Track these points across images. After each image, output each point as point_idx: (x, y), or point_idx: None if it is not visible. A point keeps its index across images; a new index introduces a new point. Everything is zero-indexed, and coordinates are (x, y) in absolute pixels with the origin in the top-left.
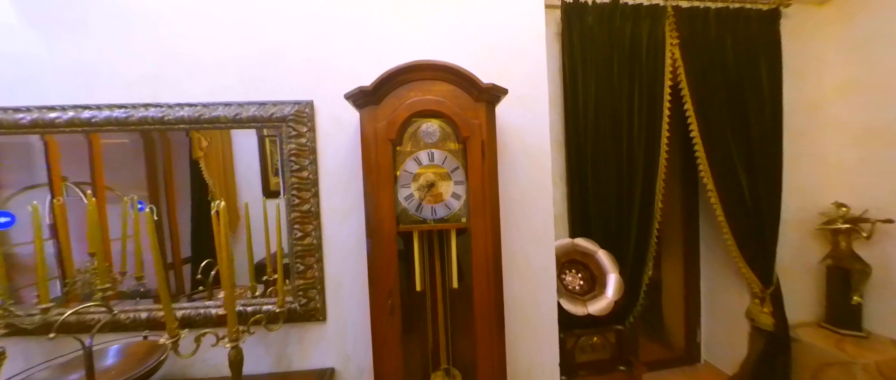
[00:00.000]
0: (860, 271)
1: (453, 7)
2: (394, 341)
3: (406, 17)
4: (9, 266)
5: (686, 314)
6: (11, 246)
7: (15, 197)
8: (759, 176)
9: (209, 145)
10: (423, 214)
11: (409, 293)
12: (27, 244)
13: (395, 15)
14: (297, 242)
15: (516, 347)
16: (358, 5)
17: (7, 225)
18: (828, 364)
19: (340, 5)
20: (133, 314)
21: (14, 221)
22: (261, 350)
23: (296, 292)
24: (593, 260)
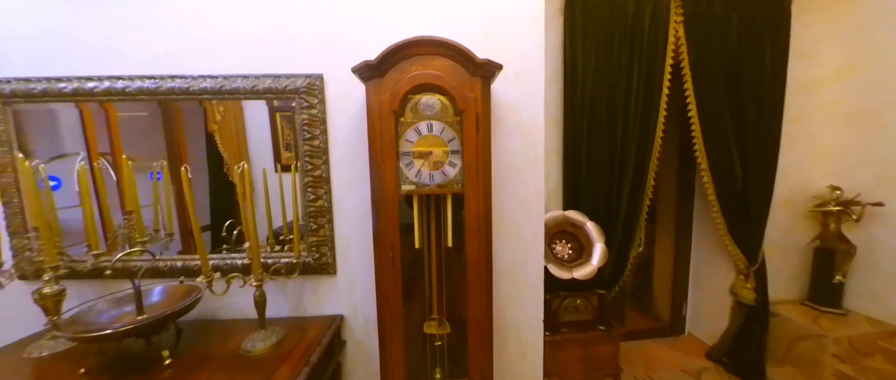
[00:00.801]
0: (845, 252)
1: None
2: (394, 291)
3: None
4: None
5: (674, 289)
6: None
7: (46, 165)
8: (751, 157)
9: (223, 120)
10: (422, 180)
11: (409, 251)
12: (67, 209)
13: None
14: (310, 204)
15: (505, 304)
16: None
17: (57, 187)
18: (803, 337)
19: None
20: (170, 263)
21: (61, 184)
22: (281, 298)
23: (309, 247)
24: (582, 231)
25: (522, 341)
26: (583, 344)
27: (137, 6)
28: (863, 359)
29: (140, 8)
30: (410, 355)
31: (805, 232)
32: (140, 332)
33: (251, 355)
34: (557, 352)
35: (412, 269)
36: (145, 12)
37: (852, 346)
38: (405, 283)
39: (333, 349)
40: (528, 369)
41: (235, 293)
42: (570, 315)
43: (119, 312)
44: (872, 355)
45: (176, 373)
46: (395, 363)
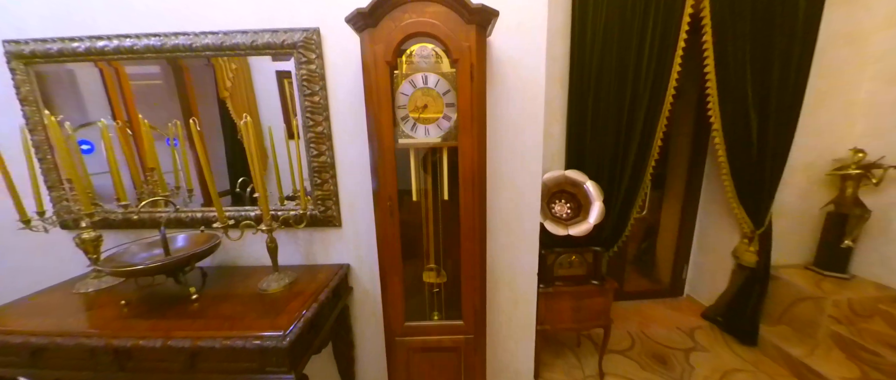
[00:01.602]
0: (859, 216)
1: None
2: (393, 239)
3: None
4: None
5: (676, 253)
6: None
7: (76, 131)
8: (771, 117)
9: (233, 86)
10: (418, 134)
11: (408, 204)
12: (101, 174)
13: None
14: (314, 159)
15: (501, 254)
16: None
17: (89, 151)
18: (801, 299)
19: None
20: (191, 215)
21: (93, 148)
22: (292, 247)
23: (315, 201)
24: (582, 190)
25: (516, 289)
26: (575, 296)
27: None
28: (861, 322)
29: None
30: (411, 302)
31: (820, 197)
32: (167, 269)
33: (267, 292)
34: (551, 302)
35: (411, 221)
36: None
37: (852, 309)
38: (405, 234)
39: (340, 293)
40: (522, 316)
41: (252, 243)
42: (564, 270)
43: (149, 254)
44: (872, 318)
45: (202, 306)
46: (395, 305)
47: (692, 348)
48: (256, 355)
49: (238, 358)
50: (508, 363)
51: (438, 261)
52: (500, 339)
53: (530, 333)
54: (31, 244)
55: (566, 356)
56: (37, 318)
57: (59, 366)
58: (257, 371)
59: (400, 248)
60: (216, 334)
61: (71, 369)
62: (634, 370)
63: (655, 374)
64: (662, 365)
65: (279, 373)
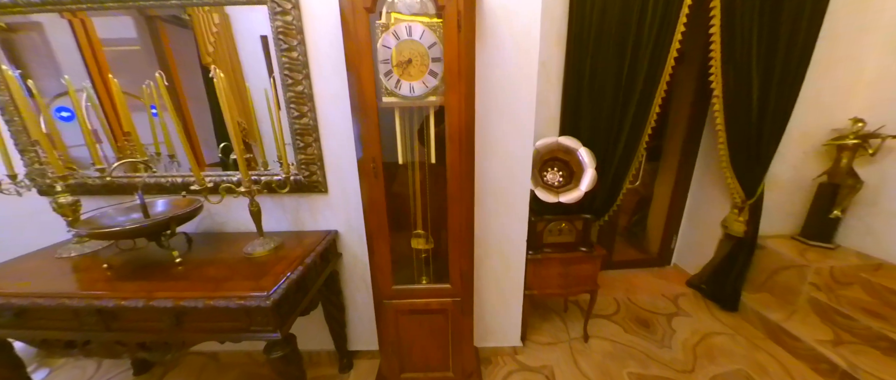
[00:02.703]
0: (850, 187)
1: None
2: (379, 201)
3: None
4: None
5: (667, 223)
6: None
7: (54, 101)
8: (774, 84)
9: (216, 51)
10: (402, 91)
11: (395, 169)
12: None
13: None
14: (295, 121)
15: (490, 220)
16: None
17: (69, 119)
18: (785, 267)
19: None
20: (172, 180)
21: (74, 116)
22: (280, 213)
23: (299, 165)
24: (574, 157)
25: (506, 255)
26: (564, 262)
27: None
28: (840, 289)
29: None
30: (401, 269)
31: (814, 168)
32: (147, 232)
33: (252, 256)
34: (539, 268)
35: (399, 186)
36: None
37: (833, 276)
38: (394, 201)
39: (329, 258)
40: (510, 281)
41: (238, 209)
42: (554, 237)
43: (127, 217)
44: (851, 286)
45: (187, 269)
46: (383, 269)
47: (675, 313)
48: (241, 315)
49: (224, 318)
50: (497, 326)
51: (426, 227)
52: (489, 303)
53: (518, 297)
54: (8, 212)
55: (553, 320)
56: (18, 281)
57: (46, 327)
58: (243, 330)
59: (385, 210)
60: (200, 294)
61: (58, 329)
62: (618, 333)
63: (638, 336)
64: (645, 328)
65: (265, 331)
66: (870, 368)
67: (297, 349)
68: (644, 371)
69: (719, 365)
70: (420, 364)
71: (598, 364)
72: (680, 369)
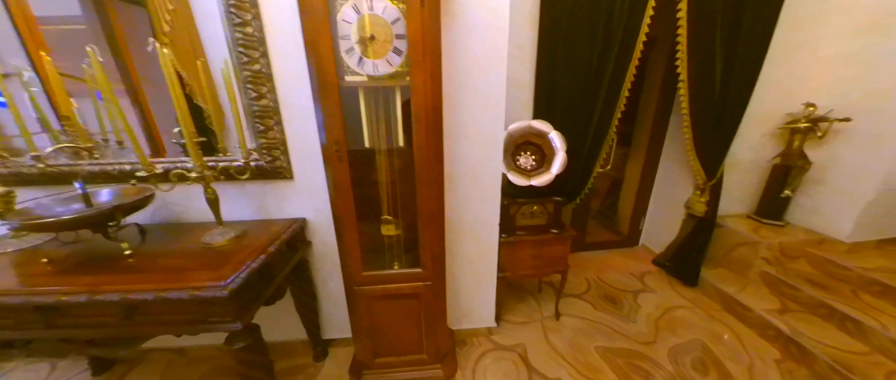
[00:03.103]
0: (800, 168)
1: None
2: (345, 185)
3: None
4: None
5: (636, 205)
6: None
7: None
8: (736, 68)
9: (173, 31)
10: (365, 70)
11: (363, 151)
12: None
13: None
14: (254, 102)
15: (465, 204)
16: None
17: (2, 105)
18: (740, 244)
19: None
20: (119, 167)
21: (5, 104)
22: (243, 201)
23: (260, 150)
24: (546, 141)
25: (479, 239)
26: (536, 244)
27: None
28: (788, 262)
29: None
30: (374, 256)
31: (771, 150)
32: (90, 223)
33: (212, 246)
34: (512, 251)
35: (368, 171)
36: None
37: (782, 251)
38: (365, 186)
39: (297, 246)
40: (484, 264)
41: (199, 198)
42: (526, 219)
43: (68, 208)
44: (798, 259)
45: (139, 261)
46: (352, 255)
47: (641, 289)
48: (197, 306)
49: (178, 310)
50: (472, 308)
51: (397, 212)
52: (464, 286)
53: (492, 280)
54: None
55: (528, 301)
56: None
57: None
58: (200, 321)
59: (352, 195)
60: (151, 286)
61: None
62: (588, 310)
63: (606, 313)
64: (613, 305)
65: (224, 322)
66: (810, 332)
67: (261, 339)
68: (610, 344)
69: (679, 336)
70: (394, 348)
71: (569, 340)
72: (643, 342)
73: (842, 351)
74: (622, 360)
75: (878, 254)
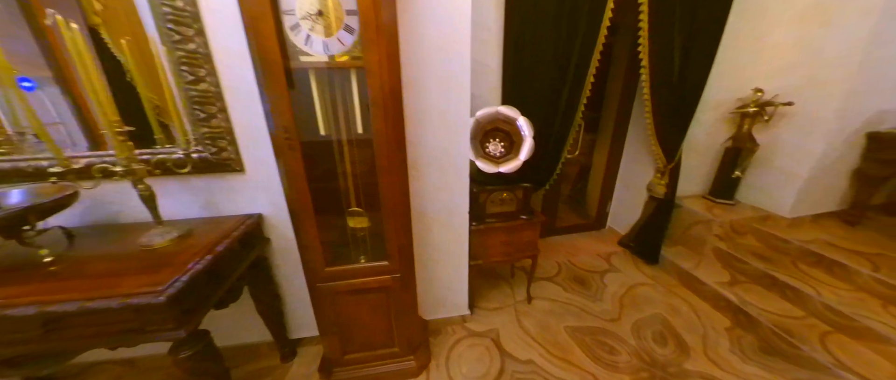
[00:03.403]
0: (749, 150)
1: None
2: (299, 178)
3: None
4: None
5: (603, 189)
6: None
7: None
8: (693, 52)
9: (105, 10)
10: (315, 49)
11: (320, 139)
12: None
13: None
14: (191, 86)
15: (433, 192)
16: None
17: None
18: (696, 222)
19: None
20: (34, 163)
21: None
22: (188, 197)
23: (203, 140)
24: (515, 127)
25: (450, 227)
26: (507, 231)
27: None
28: (738, 238)
29: None
30: (340, 250)
31: (724, 134)
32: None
33: (151, 248)
34: (483, 238)
35: (327, 161)
36: None
37: (733, 228)
38: (324, 178)
39: (252, 243)
40: (456, 252)
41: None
42: (496, 207)
43: None
44: (746, 235)
45: (63, 268)
46: (313, 250)
47: (607, 270)
48: (131, 315)
49: (109, 320)
50: (444, 297)
51: (360, 203)
52: (436, 275)
53: (464, 268)
54: None
55: (501, 287)
56: None
57: None
58: (137, 332)
59: (307, 187)
60: (74, 296)
61: None
62: (558, 292)
63: (575, 294)
64: (582, 286)
65: (165, 331)
66: (756, 301)
67: (212, 346)
68: (579, 324)
69: (641, 311)
70: (365, 343)
71: (540, 322)
72: (608, 319)
73: (782, 317)
74: (589, 337)
75: (813, 227)
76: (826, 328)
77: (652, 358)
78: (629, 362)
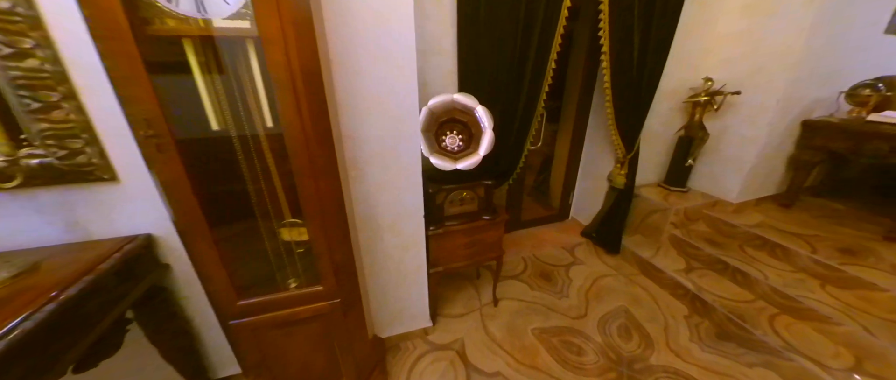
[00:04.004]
0: (700, 139)
1: None
2: (180, 185)
3: None
4: None
5: (565, 180)
6: None
7: None
8: (651, 42)
9: None
10: (183, 9)
11: (215, 135)
12: None
13: None
14: (13, 65)
15: (379, 195)
16: None
17: None
18: (654, 211)
19: None
20: None
21: None
22: (36, 219)
23: (43, 140)
24: (473, 117)
25: (402, 233)
26: (468, 233)
27: None
28: (690, 224)
29: None
30: (261, 270)
31: (677, 123)
32: None
33: None
34: (443, 242)
35: (230, 164)
36: None
37: (686, 215)
38: (231, 184)
39: (138, 273)
40: (412, 261)
41: None
42: (456, 207)
43: None
44: (698, 221)
45: None
46: (217, 280)
47: (572, 263)
48: None
49: None
50: (402, 310)
51: (296, 212)
52: (390, 288)
53: (423, 277)
54: None
55: (466, 289)
56: None
57: None
58: None
59: (195, 199)
60: None
61: None
62: (525, 291)
63: (542, 291)
64: (548, 282)
65: None
66: (709, 287)
67: None
68: (546, 324)
69: (606, 304)
70: (303, 378)
71: (507, 325)
72: (575, 316)
73: (735, 302)
74: (557, 338)
75: (755, 211)
76: (773, 310)
77: (618, 355)
78: (596, 364)
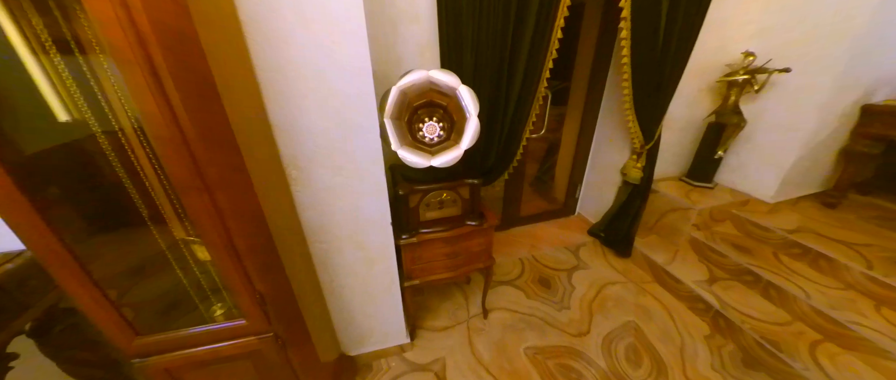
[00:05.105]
0: (735, 126)
1: None
2: (25, 213)
3: None
4: None
5: (572, 172)
6: None
7: None
8: (682, 8)
9: None
10: None
11: None
12: None
13: None
14: None
15: (331, 200)
16: None
17: None
18: (673, 210)
19: None
20: None
21: None
22: None
23: None
24: (455, 101)
25: (365, 245)
26: (450, 241)
27: None
28: (715, 225)
29: None
30: (180, 299)
31: (706, 107)
32: None
33: None
34: (419, 252)
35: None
36: None
37: (711, 216)
38: (108, 185)
39: (24, 301)
40: (379, 275)
41: None
42: (433, 212)
43: None
44: (724, 222)
45: None
46: (102, 314)
47: (575, 266)
48: None
49: None
50: (372, 328)
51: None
52: (355, 305)
53: (395, 291)
54: None
55: (454, 297)
56: None
57: None
58: None
59: (36, 216)
60: None
61: None
62: (520, 300)
63: (539, 300)
64: (547, 289)
65: None
66: (736, 303)
67: None
68: (541, 342)
69: (612, 319)
70: None
71: (496, 342)
72: (575, 333)
73: (766, 323)
74: (553, 361)
75: (792, 211)
76: (815, 336)
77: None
78: None
